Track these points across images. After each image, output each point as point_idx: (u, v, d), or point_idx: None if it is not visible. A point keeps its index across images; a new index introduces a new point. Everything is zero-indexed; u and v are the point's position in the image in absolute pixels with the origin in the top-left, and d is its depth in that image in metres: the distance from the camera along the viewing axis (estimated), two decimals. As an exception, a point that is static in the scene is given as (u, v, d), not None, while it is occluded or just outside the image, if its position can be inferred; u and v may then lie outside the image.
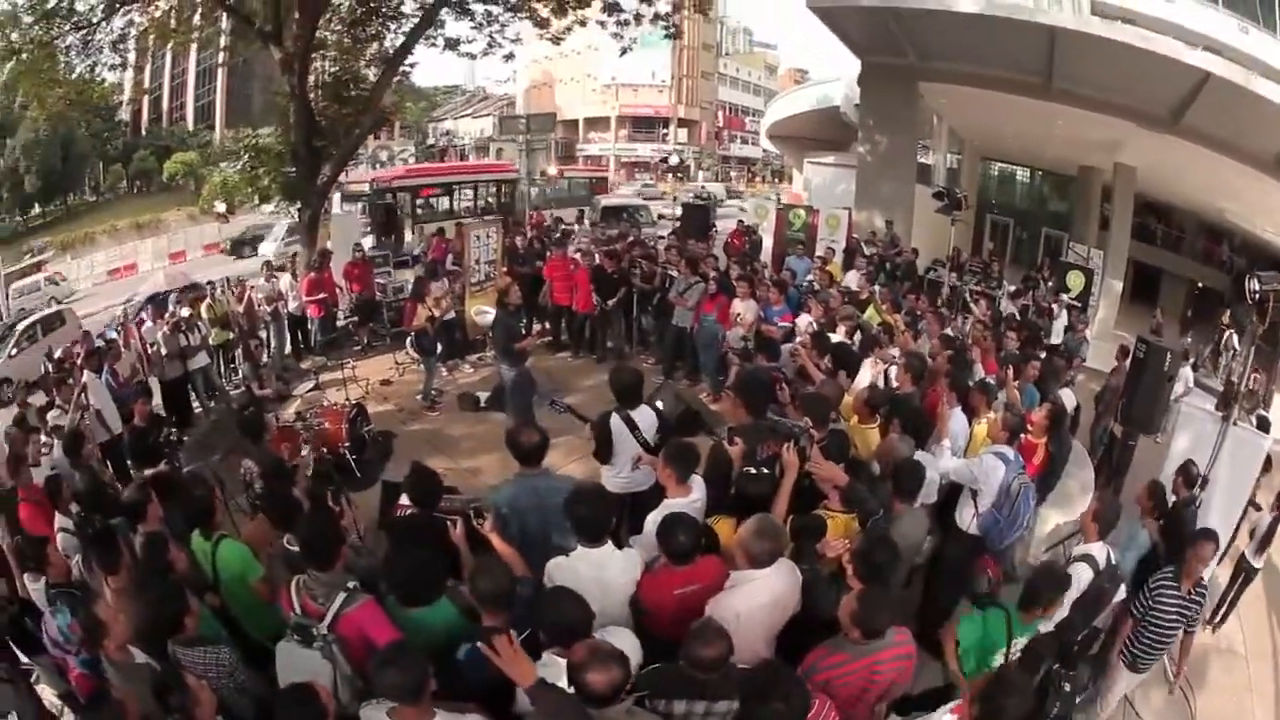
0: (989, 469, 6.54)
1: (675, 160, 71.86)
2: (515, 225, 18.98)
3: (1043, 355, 10.56)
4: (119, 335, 13.52)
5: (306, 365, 14.62)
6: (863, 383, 8.29)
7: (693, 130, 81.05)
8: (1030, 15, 20.57)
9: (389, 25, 20.37)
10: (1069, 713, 4.94)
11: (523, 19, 20.61)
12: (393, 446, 10.98)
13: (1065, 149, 25.59)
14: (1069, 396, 9.92)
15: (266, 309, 14.40)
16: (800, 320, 11.00)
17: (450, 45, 20.60)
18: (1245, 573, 8.64)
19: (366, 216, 25.00)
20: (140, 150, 64.50)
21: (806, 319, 10.86)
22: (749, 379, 7.07)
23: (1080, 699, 5.23)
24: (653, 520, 4.90)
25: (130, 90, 59.34)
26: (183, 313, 12.62)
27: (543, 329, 15.22)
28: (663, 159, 75.18)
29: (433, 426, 12.02)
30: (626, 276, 14.11)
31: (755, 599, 4.38)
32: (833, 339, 9.37)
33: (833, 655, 4.10)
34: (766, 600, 4.43)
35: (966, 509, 6.75)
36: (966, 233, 26.88)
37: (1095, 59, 19.23)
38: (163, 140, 65.81)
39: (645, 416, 6.60)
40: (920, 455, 6.46)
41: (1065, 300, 16.34)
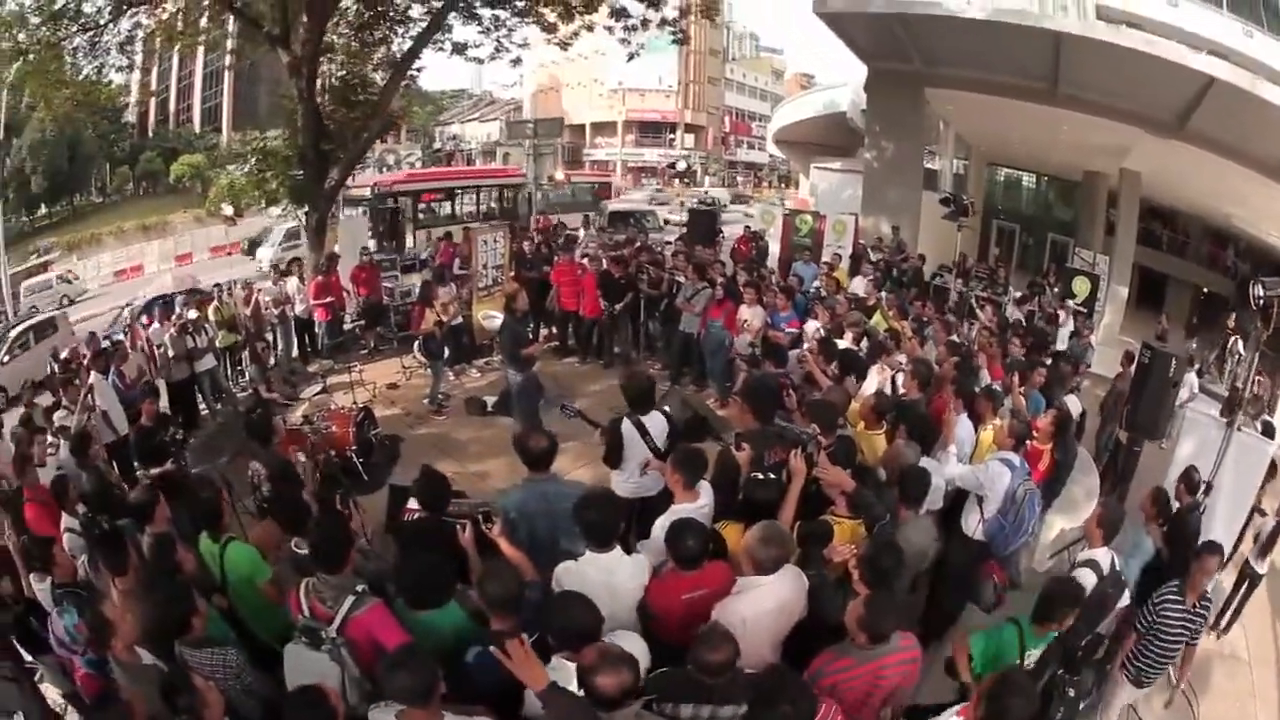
0: (995, 475, 6.55)
1: (683, 166, 71.79)
2: (521, 230, 18.94)
3: (1048, 361, 10.56)
4: (125, 337, 13.51)
5: (314, 369, 14.63)
6: (870, 389, 8.31)
7: (699, 135, 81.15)
8: (1036, 21, 20.66)
9: (396, 29, 20.39)
10: (1072, 718, 4.95)
11: (530, 24, 20.64)
12: (400, 450, 11.01)
13: (1071, 154, 25.56)
14: (1074, 403, 9.95)
15: (274, 312, 14.43)
16: (808, 326, 11.04)
17: (458, 50, 20.66)
18: (1249, 578, 8.61)
19: (369, 221, 25.08)
20: (147, 152, 64.48)
21: (814, 325, 10.88)
22: (756, 385, 7.08)
23: (1084, 705, 5.22)
24: (661, 525, 4.94)
25: (137, 92, 59.46)
26: (190, 315, 12.65)
27: (549, 334, 15.32)
28: (670, 164, 75.11)
29: (440, 430, 12.03)
30: (633, 282, 14.08)
31: (761, 605, 4.40)
32: (840, 345, 9.39)
33: (839, 660, 4.12)
34: (772, 606, 4.45)
35: (972, 515, 6.75)
36: (973, 238, 26.94)
37: (1100, 64, 19.22)
38: (169, 142, 65.74)
39: (656, 422, 6.60)
40: (926, 461, 6.48)
41: (1071, 306, 16.33)
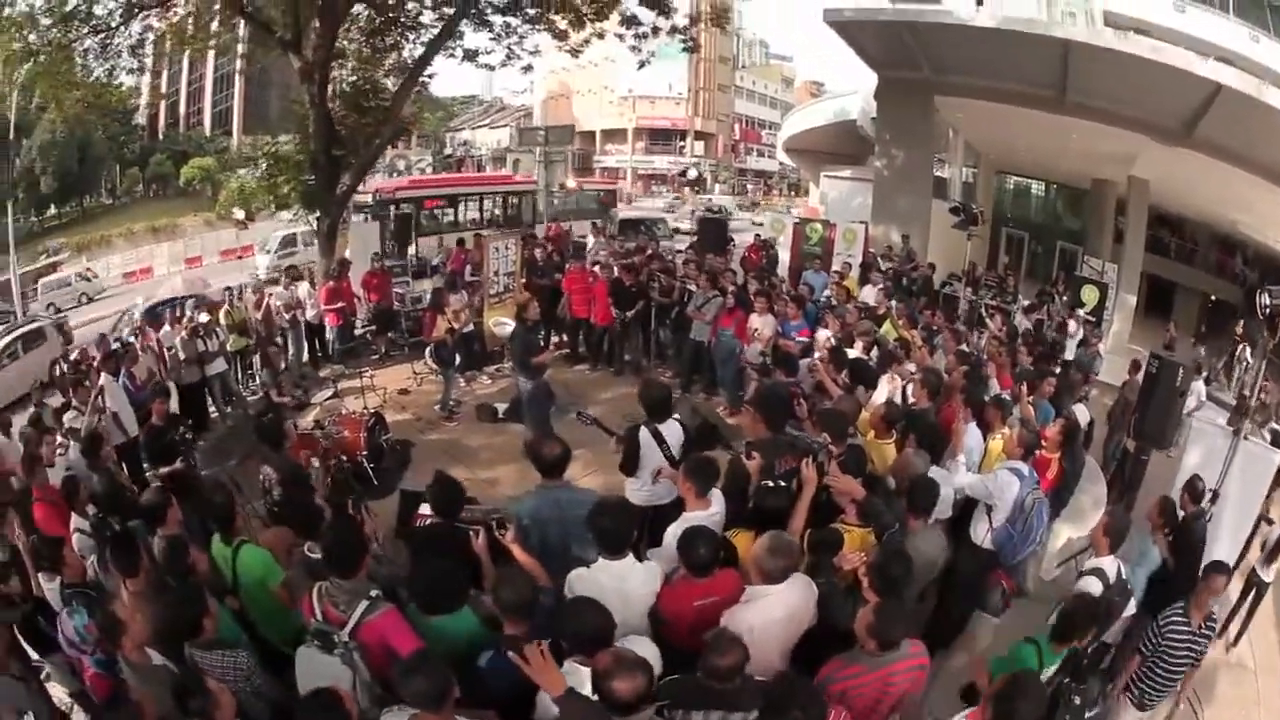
0: (1004, 484, 6.57)
1: (693, 174, 71.80)
2: (531, 237, 18.97)
3: (1057, 371, 10.58)
4: (136, 339, 13.54)
5: (325, 373, 14.63)
6: (880, 398, 8.34)
7: (709, 143, 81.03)
8: (1044, 29, 20.63)
9: (408, 35, 20.45)
10: (1077, 725, 4.97)
11: (541, 31, 20.62)
12: (410, 455, 11.08)
13: (1079, 162, 25.56)
14: (1082, 412, 9.95)
15: (285, 316, 14.41)
16: (818, 335, 11.04)
17: (469, 56, 20.60)
18: (1256, 586, 8.62)
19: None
20: (157, 154, 64.80)
21: (824, 334, 10.88)
22: (768, 394, 7.11)
23: (1089, 715, 5.23)
24: (673, 533, 4.97)
25: (148, 94, 59.82)
26: (201, 318, 12.69)
27: (560, 341, 15.33)
28: (681, 172, 75.11)
29: (450, 436, 12.07)
30: (645, 290, 14.13)
31: (769, 613, 4.43)
32: (850, 354, 9.42)
33: (848, 666, 4.16)
34: (781, 615, 4.48)
35: (981, 524, 6.77)
36: (982, 247, 26.95)
37: (1108, 71, 19.25)
38: (180, 145, 66.08)
39: (673, 430, 6.64)
40: (935, 470, 6.50)
41: (1081, 316, 16.33)
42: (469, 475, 9.67)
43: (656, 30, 20.62)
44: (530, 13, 19.86)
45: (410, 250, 24.59)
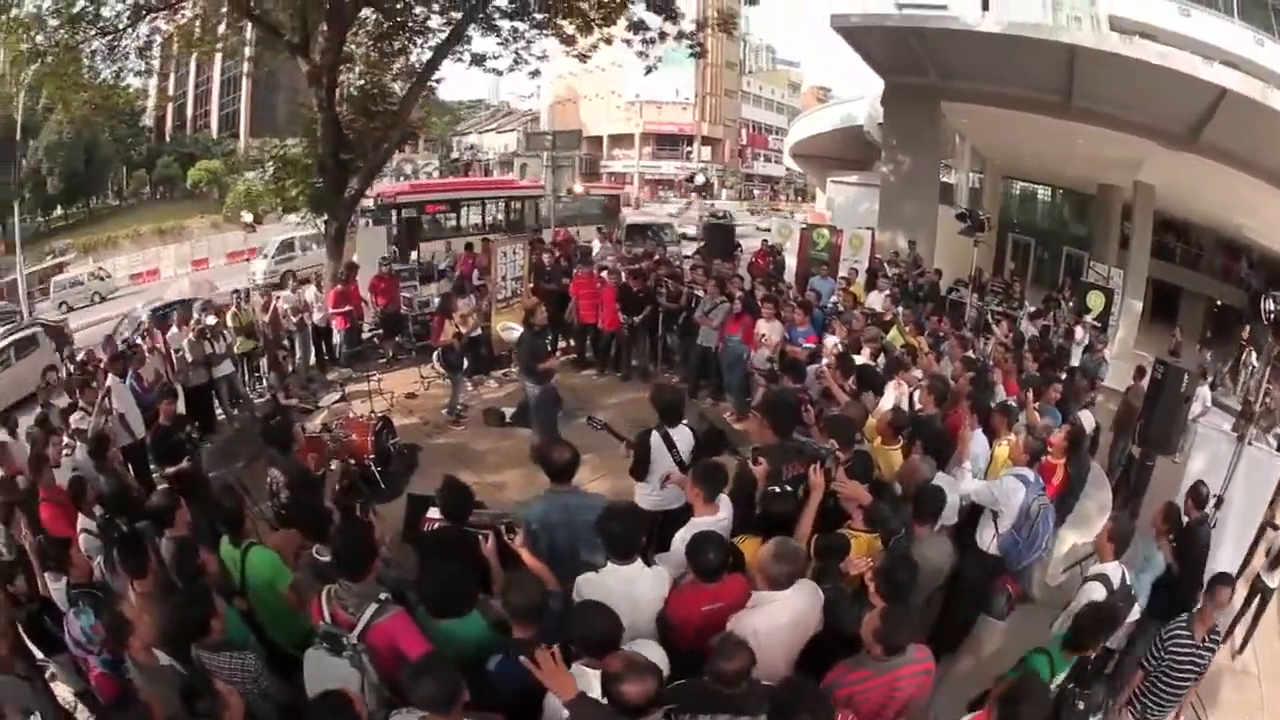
0: (1009, 491, 6.58)
1: (700, 179, 71.81)
2: (537, 243, 18.97)
3: (1063, 377, 10.58)
4: (144, 341, 13.55)
5: (332, 377, 14.57)
6: (886, 404, 8.33)
7: (716, 148, 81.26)
8: (1050, 34, 20.68)
9: (416, 40, 20.44)
10: (1082, 730, 4.98)
11: (548, 36, 20.64)
12: (418, 459, 11.11)
13: (1085, 167, 25.61)
14: (1088, 418, 9.96)
15: (292, 319, 14.47)
16: (826, 341, 11.04)
17: (476, 61, 20.58)
18: (1261, 592, 8.61)
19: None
20: (164, 157, 65.00)
21: (832, 340, 10.88)
22: (775, 400, 7.11)
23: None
24: (681, 538, 4.98)
25: (155, 96, 60.05)
26: (208, 321, 12.71)
27: (568, 346, 15.37)
28: (688, 177, 75.02)
29: (457, 441, 12.06)
30: (652, 295, 14.09)
31: (775, 619, 4.44)
32: (857, 360, 9.41)
33: (855, 671, 4.17)
34: (786, 620, 4.50)
35: (987, 530, 6.77)
36: (988, 252, 26.95)
37: (1114, 77, 19.30)
38: (186, 147, 66.25)
39: (683, 436, 6.68)
40: (941, 477, 6.51)
41: (1087, 321, 16.33)
42: (476, 479, 9.60)
43: (663, 35, 20.63)
44: (537, 18, 19.85)
45: (413, 255, 24.57)
